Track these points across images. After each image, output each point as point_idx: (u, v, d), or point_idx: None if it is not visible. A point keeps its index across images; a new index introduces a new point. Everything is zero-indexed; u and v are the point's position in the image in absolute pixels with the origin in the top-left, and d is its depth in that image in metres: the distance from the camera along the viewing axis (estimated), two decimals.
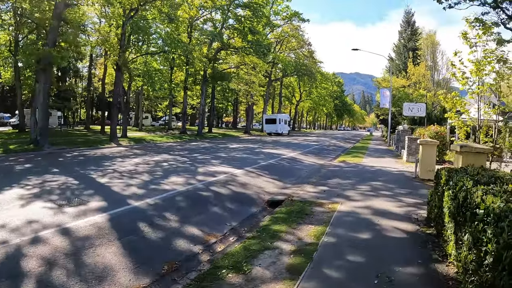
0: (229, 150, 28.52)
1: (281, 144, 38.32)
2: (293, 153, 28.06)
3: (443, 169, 8.08)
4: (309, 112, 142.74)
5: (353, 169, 19.42)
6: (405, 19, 70.39)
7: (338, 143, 48.26)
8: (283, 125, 69.65)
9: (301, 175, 17.53)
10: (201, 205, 11.14)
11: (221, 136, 54.74)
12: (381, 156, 28.57)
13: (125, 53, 37.46)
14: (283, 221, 9.13)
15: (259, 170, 18.05)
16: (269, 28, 65.43)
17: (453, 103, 16.90)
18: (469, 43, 16.49)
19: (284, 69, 76.70)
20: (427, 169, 16.25)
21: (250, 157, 23.79)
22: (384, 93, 47.48)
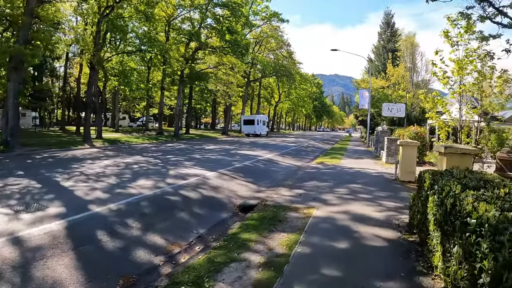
0: (204, 152, 27.66)
1: (258, 145, 37.54)
2: (270, 154, 27.31)
3: (427, 171, 7.45)
4: (288, 113, 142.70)
5: (331, 171, 18.77)
6: (385, 21, 70.29)
7: (316, 144, 47.76)
8: (262, 126, 69.14)
9: (277, 178, 16.83)
10: (167, 210, 10.36)
11: (198, 137, 53.84)
12: (360, 157, 28.01)
13: (100, 52, 36.47)
14: (254, 229, 8.39)
15: (233, 172, 17.25)
16: (248, 29, 64.76)
17: (434, 103, 16.36)
18: (451, 42, 15.97)
19: (263, 70, 76.19)
20: (408, 170, 15.70)
21: (225, 158, 22.98)
22: (363, 94, 47.05)
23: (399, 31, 68.74)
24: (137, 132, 57.67)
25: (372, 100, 46.96)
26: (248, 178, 15.99)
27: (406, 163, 15.77)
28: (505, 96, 15.57)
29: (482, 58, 15.48)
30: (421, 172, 7.76)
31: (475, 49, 15.58)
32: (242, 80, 71.20)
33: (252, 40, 74.72)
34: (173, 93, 64.52)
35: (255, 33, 74.80)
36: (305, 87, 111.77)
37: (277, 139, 55.00)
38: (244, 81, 73.55)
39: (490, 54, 13.50)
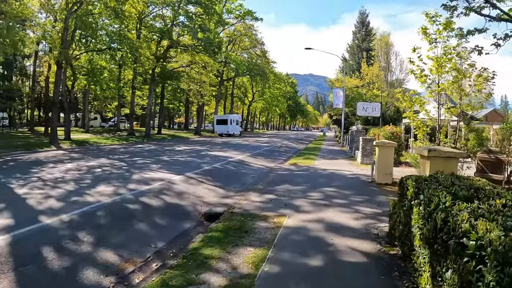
0: (174, 153, 26.62)
1: (230, 146, 36.53)
2: (242, 155, 26.36)
3: (409, 178, 6.68)
4: (262, 113, 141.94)
5: (304, 173, 17.95)
6: (360, 20, 70.19)
7: (290, 144, 47.01)
8: (235, 125, 68.33)
9: (247, 181, 15.92)
10: (125, 221, 9.39)
11: (169, 138, 52.64)
12: (334, 157, 27.32)
13: (68, 49, 35.13)
14: (218, 242, 7.49)
15: (201, 175, 16.28)
16: (221, 27, 63.77)
17: (412, 101, 15.71)
18: (429, 39, 15.33)
19: (236, 69, 75.28)
20: (384, 172, 14.98)
21: (194, 160, 21.97)
22: (338, 93, 46.55)
23: (374, 30, 68.80)
24: (108, 132, 56.27)
25: (346, 99, 46.52)
26: (216, 182, 15.06)
27: (382, 164, 15.04)
28: (485, 95, 14.96)
29: (462, 56, 14.89)
30: (403, 179, 7.00)
31: (454, 47, 14.99)
32: (215, 79, 70.17)
33: (225, 39, 74.05)
34: (145, 93, 63.12)
35: (229, 32, 74.01)
36: (279, 86, 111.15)
37: (250, 139, 54.09)
38: (217, 80, 72.53)
39: (477, 48, 12.78)
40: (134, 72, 51.98)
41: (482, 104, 15.63)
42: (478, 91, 14.93)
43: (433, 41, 15.27)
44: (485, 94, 14.91)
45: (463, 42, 14.91)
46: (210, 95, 75.75)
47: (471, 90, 15.20)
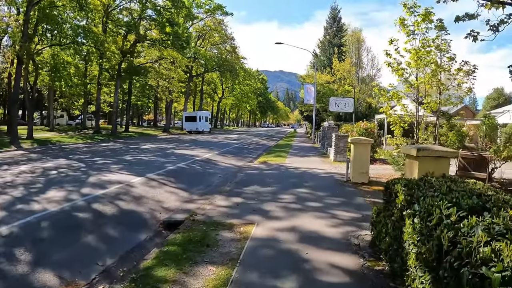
0: (138, 152, 25.28)
1: (198, 144, 35.32)
2: (209, 153, 25.18)
3: (398, 182, 5.69)
4: (232, 109, 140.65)
5: (275, 172, 16.93)
6: (331, 15, 69.92)
7: (260, 141, 45.91)
8: (204, 122, 67.04)
9: (213, 182, 14.74)
10: (72, 233, 8.19)
11: (137, 136, 51.12)
12: (306, 155, 26.38)
13: (30, 43, 33.42)
14: (174, 259, 6.37)
15: (163, 177, 15.06)
16: (190, 21, 62.46)
17: (389, 96, 14.82)
18: (407, 31, 14.48)
19: (206, 65, 74.06)
20: (360, 171, 14.02)
21: (158, 160, 20.71)
22: (309, 89, 45.75)
23: (346, 26, 68.79)
24: (74, 131, 54.13)
25: (317, 95, 45.79)
26: (179, 184, 13.87)
27: (358, 163, 14.06)
28: (467, 90, 14.12)
29: (441, 49, 14.07)
30: (390, 183, 6.00)
31: (433, 39, 14.16)
32: (184, 75, 68.73)
33: (194, 34, 72.86)
34: (113, 89, 61.41)
35: (198, 27, 72.93)
36: (249, 82, 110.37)
37: (220, 136, 52.86)
38: (186, 76, 71.15)
39: (472, 34, 11.83)
40: (100, 67, 50.36)
41: (462, 99, 14.81)
42: (458, 85, 14.14)
43: (411, 33, 14.45)
44: (466, 89, 14.07)
45: (442, 34, 14.11)
46: (179, 92, 74.35)
47: (451, 84, 14.40)
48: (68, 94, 65.73)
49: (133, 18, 50.18)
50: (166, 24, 47.91)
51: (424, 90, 14.61)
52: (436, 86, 14.21)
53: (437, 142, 14.43)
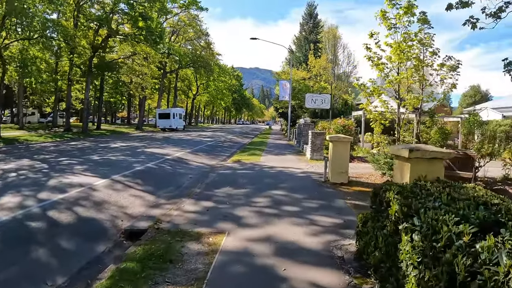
0: (107, 151, 24.14)
1: (171, 142, 34.21)
2: (181, 152, 24.16)
3: (389, 189, 4.95)
4: (207, 106, 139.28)
5: (249, 172, 16.07)
6: (308, 12, 69.34)
7: (234, 139, 45.02)
8: (178, 119, 65.86)
9: (183, 183, 13.77)
10: (21, 246, 7.20)
11: (108, 134, 49.72)
12: (282, 153, 25.60)
13: None
14: (131, 280, 5.48)
15: (130, 178, 14.07)
16: (164, 16, 61.06)
17: (370, 91, 14.08)
18: (388, 24, 13.74)
19: (180, 61, 72.88)
20: (339, 170, 13.26)
21: (127, 159, 19.64)
22: (284, 85, 44.98)
23: (322, 22, 68.26)
24: (44, 129, 52.42)
25: (293, 91, 45.09)
26: (146, 186, 12.91)
27: (337, 162, 13.29)
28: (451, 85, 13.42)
29: (424, 43, 13.37)
30: (380, 190, 5.21)
31: (415, 33, 13.45)
32: (158, 71, 67.37)
33: (168, 29, 71.55)
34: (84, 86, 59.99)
35: (172, 22, 71.66)
36: (224, 79, 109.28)
37: (193, 134, 51.70)
38: (160, 73, 69.85)
39: (472, 20, 10.98)
40: (71, 63, 48.82)
41: (444, 95, 14.13)
42: (441, 80, 13.45)
43: (393, 26, 13.70)
44: (450, 85, 13.37)
45: (426, 28, 13.39)
46: (153, 88, 73.11)
47: (433, 80, 13.71)
48: (39, 91, 63.93)
49: (105, 12, 48.65)
50: (139, 19, 46.53)
51: (406, 85, 13.92)
52: (419, 81, 13.51)
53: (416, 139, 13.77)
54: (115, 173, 14.73)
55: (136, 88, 63.65)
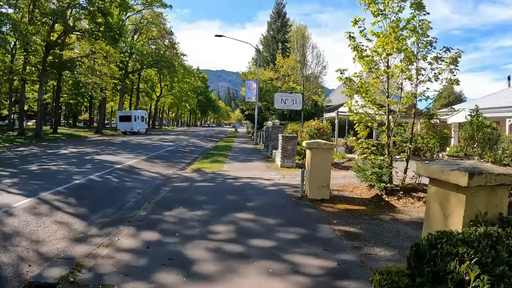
0: (52, 159, 21.15)
1: (127, 147, 31.27)
2: (135, 159, 21.41)
3: (451, 252, 2.50)
4: (171, 108, 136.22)
5: (209, 185, 13.53)
6: (276, 10, 67.47)
7: (198, 143, 42.19)
8: (140, 122, 62.94)
9: (128, 202, 11.00)
10: None
11: (64, 138, 46.35)
12: (248, 159, 23.25)
13: None
14: None
15: (62, 196, 11.29)
16: (124, 12, 57.79)
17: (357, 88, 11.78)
18: (375, 10, 11.48)
19: (142, 60, 70.01)
20: (320, 184, 10.86)
21: (68, 170, 16.76)
22: (250, 85, 42.75)
23: (290, 21, 66.28)
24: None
25: (260, 92, 42.94)
26: (79, 208, 10.22)
27: (316, 173, 10.86)
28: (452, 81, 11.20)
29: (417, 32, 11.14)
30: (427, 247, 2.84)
31: (408, 19, 11.18)
32: (118, 71, 64.07)
33: (131, 27, 68.59)
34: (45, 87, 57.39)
35: (135, 19, 68.58)
36: (189, 80, 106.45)
37: (155, 138, 48.50)
38: (121, 73, 66.68)
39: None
40: (25, 61, 45.72)
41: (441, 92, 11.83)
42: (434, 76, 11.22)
43: (380, 13, 11.40)
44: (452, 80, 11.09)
45: (421, 14, 11.09)
46: (115, 90, 69.97)
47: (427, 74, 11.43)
48: None
49: (61, 6, 45.39)
50: (97, 14, 43.67)
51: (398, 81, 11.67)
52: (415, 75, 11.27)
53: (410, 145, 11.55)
54: (47, 189, 11.99)
55: (94, 89, 60.44)
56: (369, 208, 10.08)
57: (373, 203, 10.65)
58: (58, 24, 46.13)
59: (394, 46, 11.03)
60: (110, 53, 52.78)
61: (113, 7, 47.75)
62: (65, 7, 45.04)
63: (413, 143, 11.73)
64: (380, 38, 11.43)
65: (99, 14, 43.84)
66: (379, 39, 11.44)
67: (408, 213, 9.65)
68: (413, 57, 11.26)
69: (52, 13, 43.82)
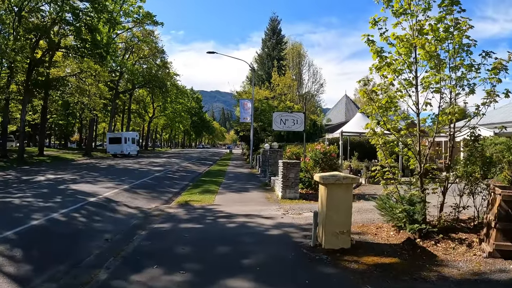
0: (21, 188, 18.48)
1: (111, 172, 28.61)
2: (116, 189, 18.68)
3: None
4: (164, 130, 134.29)
5: (196, 228, 10.87)
6: (270, 27, 65.84)
7: (189, 167, 39.45)
8: (131, 144, 60.70)
9: (87, 256, 8.23)
10: None
11: (49, 161, 43.73)
12: (244, 187, 20.75)
13: None
14: None
15: (8, 245, 8.50)
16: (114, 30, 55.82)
17: (383, 106, 9.40)
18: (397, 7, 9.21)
19: (132, 80, 68.02)
20: (337, 229, 8.19)
21: (32, 204, 14.08)
22: (245, 104, 40.57)
23: (286, 38, 64.68)
24: None
25: (255, 112, 40.86)
26: (23, 265, 7.54)
27: (334, 216, 8.19)
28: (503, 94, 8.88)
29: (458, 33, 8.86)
30: None
31: (438, 18, 8.87)
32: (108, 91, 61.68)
33: (121, 46, 66.67)
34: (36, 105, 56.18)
35: (125, 37, 66.90)
36: (182, 101, 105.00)
37: (145, 161, 45.84)
38: (112, 93, 64.40)
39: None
40: (8, 79, 43.60)
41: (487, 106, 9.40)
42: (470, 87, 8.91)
43: (403, 12, 9.07)
44: (502, 94, 8.71)
45: (454, 12, 8.75)
46: (105, 110, 67.78)
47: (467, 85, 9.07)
48: None
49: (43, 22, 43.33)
50: (83, 30, 41.62)
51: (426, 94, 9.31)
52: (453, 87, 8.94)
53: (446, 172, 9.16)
54: None
55: (83, 109, 58.10)
56: (404, 260, 7.55)
57: (406, 252, 8.11)
58: (43, 40, 44.15)
59: (427, 50, 8.72)
60: (98, 72, 50.59)
61: (101, 24, 45.72)
62: (50, 23, 43.05)
63: (453, 171, 9.33)
64: (403, 42, 9.10)
65: (85, 31, 41.78)
66: (403, 43, 9.11)
67: (455, 265, 7.15)
68: (445, 64, 8.96)
69: (35, 29, 41.78)
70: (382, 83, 9.75)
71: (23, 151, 44.44)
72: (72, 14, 42.66)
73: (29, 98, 46.68)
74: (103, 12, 44.24)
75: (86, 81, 52.47)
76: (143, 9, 59.89)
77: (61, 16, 42.65)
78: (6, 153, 42.97)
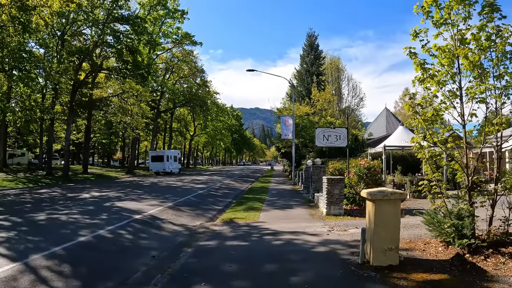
0: (67, 205, 18.93)
1: (155, 190, 28.99)
2: (160, 207, 18.85)
3: None
4: (205, 147, 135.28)
5: (242, 245, 10.80)
6: (308, 43, 65.54)
7: (232, 184, 39.55)
8: (173, 162, 61.33)
9: (134, 273, 8.30)
10: None
11: (93, 178, 44.77)
12: (287, 204, 20.58)
13: None
14: None
15: (56, 261, 8.78)
16: (153, 50, 56.70)
17: (434, 117, 9.22)
18: (437, 18, 9.06)
19: (173, 99, 68.92)
20: (386, 246, 7.98)
21: (79, 221, 14.38)
22: (286, 121, 40.47)
23: (324, 53, 64.37)
24: (26, 171, 47.74)
25: (296, 128, 40.60)
26: (71, 280, 7.64)
27: (382, 232, 8.03)
28: None
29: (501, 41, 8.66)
30: None
31: (482, 25, 8.68)
32: (150, 110, 62.75)
33: (161, 66, 67.98)
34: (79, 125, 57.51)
35: (165, 58, 68.18)
36: (223, 119, 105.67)
37: (187, 179, 46.17)
38: (153, 112, 65.51)
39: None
40: (53, 100, 45.09)
41: None
42: None
43: (443, 22, 8.93)
44: None
45: (495, 19, 8.57)
46: (147, 129, 68.89)
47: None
48: (26, 130, 59.82)
49: (85, 45, 44.52)
50: (124, 52, 42.49)
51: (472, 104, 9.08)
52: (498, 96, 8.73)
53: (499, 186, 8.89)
54: (40, 250, 9.67)
55: (125, 128, 59.17)
56: (454, 276, 7.31)
57: (455, 268, 7.86)
58: (85, 62, 45.38)
59: (470, 60, 8.56)
60: (140, 92, 51.64)
61: (142, 45, 46.56)
62: (92, 45, 44.20)
63: (501, 183, 9.04)
64: (445, 53, 8.95)
65: (127, 52, 42.63)
66: (446, 54, 8.96)
67: (506, 280, 6.85)
68: (489, 74, 8.77)
69: (78, 52, 42.96)
70: (426, 96, 9.59)
71: (68, 169, 45.67)
72: (113, 37, 43.91)
73: (73, 118, 47.95)
74: (143, 34, 45.06)
75: (128, 101, 53.62)
76: (182, 30, 61.16)
77: (103, 39, 43.88)
78: (51, 170, 44.38)
